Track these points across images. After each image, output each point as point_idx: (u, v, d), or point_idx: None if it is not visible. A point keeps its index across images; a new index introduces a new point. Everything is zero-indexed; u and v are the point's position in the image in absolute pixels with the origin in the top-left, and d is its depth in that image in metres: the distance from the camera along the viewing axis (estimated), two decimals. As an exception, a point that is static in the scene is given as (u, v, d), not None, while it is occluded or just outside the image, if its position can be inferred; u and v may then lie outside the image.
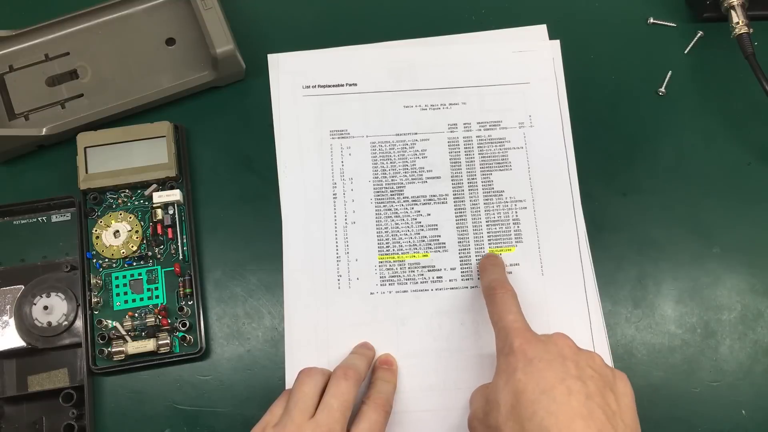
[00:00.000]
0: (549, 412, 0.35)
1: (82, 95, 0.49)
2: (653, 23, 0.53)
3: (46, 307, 0.45)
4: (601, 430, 0.34)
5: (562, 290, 0.47)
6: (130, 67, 0.50)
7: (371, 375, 0.44)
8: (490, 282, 0.43)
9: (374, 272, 0.47)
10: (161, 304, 0.46)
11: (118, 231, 0.47)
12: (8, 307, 0.46)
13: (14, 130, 0.48)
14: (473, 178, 0.49)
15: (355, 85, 0.51)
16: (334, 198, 0.49)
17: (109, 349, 0.45)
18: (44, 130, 0.48)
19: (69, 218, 0.48)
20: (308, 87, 0.51)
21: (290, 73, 0.51)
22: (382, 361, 0.45)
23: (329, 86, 0.51)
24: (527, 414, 0.35)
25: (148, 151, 0.48)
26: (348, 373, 0.41)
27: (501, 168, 0.49)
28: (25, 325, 0.45)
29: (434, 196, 0.49)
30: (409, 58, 0.51)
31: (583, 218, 0.48)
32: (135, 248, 0.47)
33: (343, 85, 0.51)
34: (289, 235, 0.48)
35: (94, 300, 0.46)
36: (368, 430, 0.40)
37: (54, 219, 0.48)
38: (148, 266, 0.47)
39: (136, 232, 0.47)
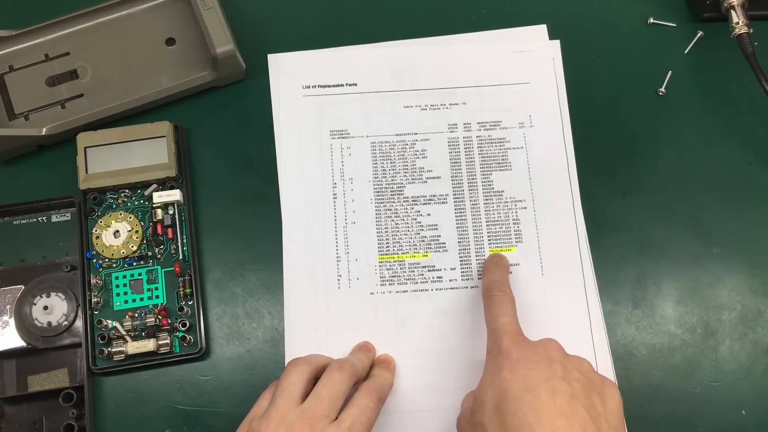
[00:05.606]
0: (532, 409, 0.35)
1: (82, 95, 0.49)
2: (653, 23, 0.53)
3: (46, 307, 0.45)
4: (585, 428, 0.34)
5: (562, 290, 0.47)
6: (130, 67, 0.50)
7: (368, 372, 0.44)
8: (490, 283, 0.44)
9: (374, 272, 0.47)
10: (161, 304, 0.46)
11: (118, 231, 0.47)
12: (8, 307, 0.46)
13: (14, 130, 0.48)
14: (473, 178, 0.49)
15: (355, 85, 0.51)
16: (334, 198, 0.49)
17: (109, 349, 0.45)
18: (44, 130, 0.48)
19: (69, 218, 0.48)
20: (308, 87, 0.51)
21: (290, 73, 0.51)
22: (380, 360, 0.45)
23: (329, 86, 0.51)
24: (511, 410, 0.36)
25: (148, 151, 0.48)
26: (344, 366, 0.41)
27: (501, 168, 0.49)
28: (25, 325, 0.45)
29: (434, 196, 0.49)
30: (410, 58, 0.51)
31: (583, 218, 0.48)
32: (135, 248, 0.47)
33: (343, 85, 0.51)
34: (289, 235, 0.48)
35: (94, 300, 0.46)
36: (357, 414, 0.39)
37: (54, 219, 0.48)
38: (148, 266, 0.47)
39: (136, 232, 0.47)
